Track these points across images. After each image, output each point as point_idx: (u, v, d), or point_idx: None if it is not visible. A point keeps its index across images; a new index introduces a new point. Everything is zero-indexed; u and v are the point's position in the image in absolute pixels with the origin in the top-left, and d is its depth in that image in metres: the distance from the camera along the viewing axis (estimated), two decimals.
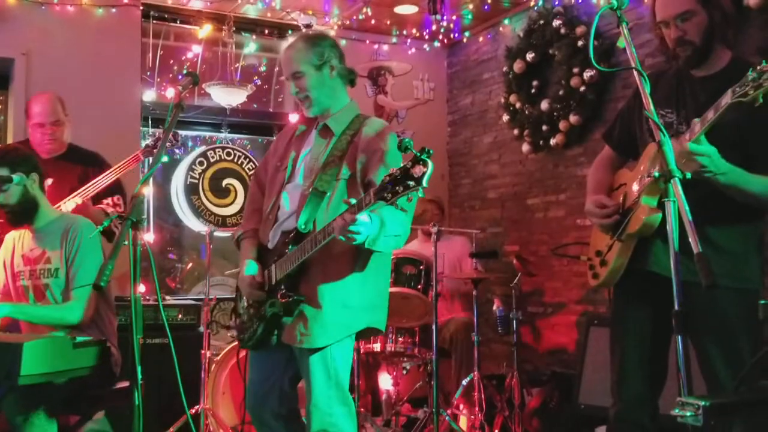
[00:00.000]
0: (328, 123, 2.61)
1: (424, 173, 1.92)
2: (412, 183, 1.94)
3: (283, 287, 2.48)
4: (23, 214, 3.08)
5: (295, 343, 2.47)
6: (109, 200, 3.72)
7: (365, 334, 2.63)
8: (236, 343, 4.18)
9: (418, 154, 1.92)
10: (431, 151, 1.94)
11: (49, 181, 3.60)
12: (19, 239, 3.19)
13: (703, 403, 1.50)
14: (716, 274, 1.71)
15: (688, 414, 1.51)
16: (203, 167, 5.28)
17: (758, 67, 1.84)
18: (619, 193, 2.48)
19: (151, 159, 3.76)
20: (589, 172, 2.71)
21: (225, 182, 5.33)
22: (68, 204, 3.50)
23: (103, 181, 3.62)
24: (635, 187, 2.34)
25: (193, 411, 3.87)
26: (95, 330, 3.06)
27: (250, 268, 2.60)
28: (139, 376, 1.90)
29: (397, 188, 1.97)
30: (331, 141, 2.58)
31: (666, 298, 2.25)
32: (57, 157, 3.77)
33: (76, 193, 3.57)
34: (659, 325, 2.36)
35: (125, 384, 3.05)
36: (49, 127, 3.73)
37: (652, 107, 1.95)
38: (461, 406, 4.34)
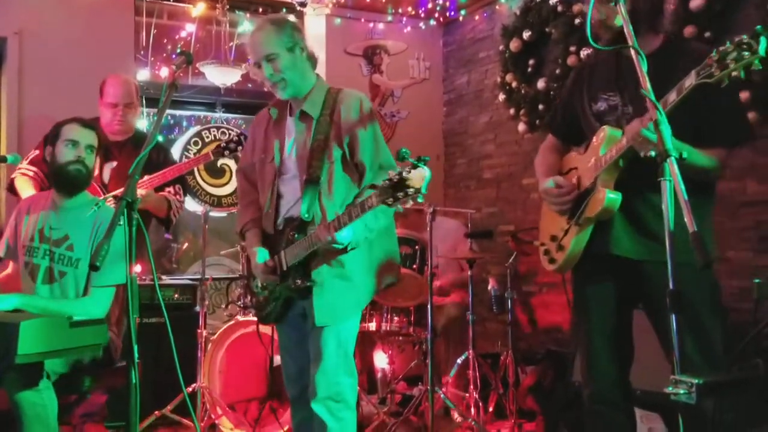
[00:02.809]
0: (304, 109, 2.65)
1: (423, 181, 2.07)
2: (412, 191, 2.06)
3: (296, 274, 2.58)
4: (82, 185, 3.00)
5: (318, 323, 2.54)
6: (170, 189, 3.78)
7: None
8: (233, 322, 4.24)
9: (416, 162, 2.07)
10: (428, 158, 2.09)
11: (113, 164, 3.63)
12: (36, 208, 3.05)
13: (696, 381, 1.51)
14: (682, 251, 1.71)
15: (682, 392, 1.53)
16: (198, 147, 5.27)
17: (721, 48, 1.82)
18: (570, 176, 2.47)
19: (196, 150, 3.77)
20: (537, 158, 2.70)
21: (220, 162, 5.32)
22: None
23: (170, 173, 3.64)
24: (590, 166, 2.33)
25: (190, 389, 3.89)
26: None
27: (261, 255, 2.66)
28: (136, 356, 1.91)
29: (398, 194, 2.10)
30: (312, 125, 2.63)
31: (625, 275, 2.30)
32: (123, 141, 3.78)
33: (143, 180, 3.57)
34: (621, 303, 2.37)
35: (122, 363, 3.06)
36: (122, 108, 3.75)
37: (649, 86, 1.91)
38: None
